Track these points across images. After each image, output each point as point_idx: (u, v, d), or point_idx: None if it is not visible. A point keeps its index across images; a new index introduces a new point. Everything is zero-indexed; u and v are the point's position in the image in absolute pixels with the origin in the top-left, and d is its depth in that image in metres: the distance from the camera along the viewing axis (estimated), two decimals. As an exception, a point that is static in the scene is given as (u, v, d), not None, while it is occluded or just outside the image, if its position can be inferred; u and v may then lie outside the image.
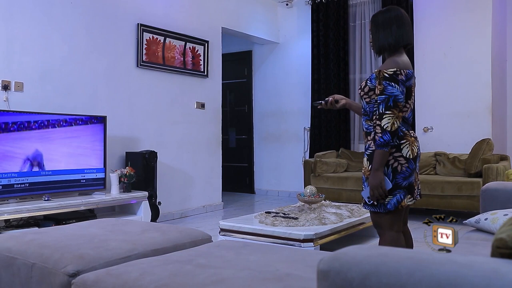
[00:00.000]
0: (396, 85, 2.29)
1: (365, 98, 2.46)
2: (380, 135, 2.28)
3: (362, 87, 2.46)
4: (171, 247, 2.12)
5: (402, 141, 2.35)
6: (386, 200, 2.35)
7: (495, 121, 5.91)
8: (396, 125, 2.28)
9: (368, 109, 2.45)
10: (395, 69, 2.31)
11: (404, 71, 2.32)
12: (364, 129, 2.50)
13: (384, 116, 2.28)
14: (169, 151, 5.53)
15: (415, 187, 2.44)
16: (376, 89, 2.34)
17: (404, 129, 2.38)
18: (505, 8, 6.28)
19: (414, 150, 2.38)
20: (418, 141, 2.47)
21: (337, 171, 6.19)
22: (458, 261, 0.84)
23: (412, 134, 2.42)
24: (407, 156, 2.35)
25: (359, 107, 2.64)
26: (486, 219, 2.45)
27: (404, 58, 2.40)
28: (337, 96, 2.74)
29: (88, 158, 4.43)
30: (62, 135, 4.24)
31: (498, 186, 2.80)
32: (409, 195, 2.38)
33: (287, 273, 1.62)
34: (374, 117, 2.37)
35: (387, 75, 2.30)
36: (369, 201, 2.40)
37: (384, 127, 2.27)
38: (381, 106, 2.29)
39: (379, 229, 2.47)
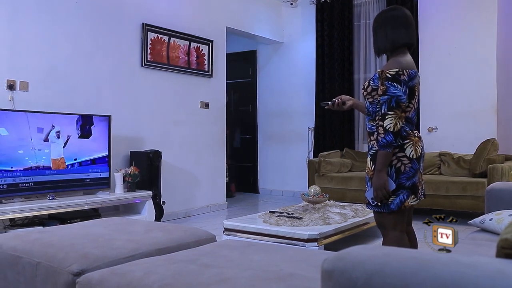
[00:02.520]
0: (398, 86, 2.28)
1: (368, 98, 2.45)
2: (382, 135, 2.27)
3: (365, 87, 2.46)
4: (175, 246, 2.12)
5: (405, 141, 2.34)
6: (390, 200, 2.34)
7: (500, 121, 5.89)
8: (398, 126, 2.27)
9: (371, 109, 2.44)
10: (397, 70, 2.30)
11: (406, 71, 2.31)
12: (368, 129, 2.50)
13: (386, 117, 2.27)
14: (173, 150, 5.53)
15: (419, 187, 2.43)
16: (379, 89, 2.33)
17: (407, 129, 2.37)
18: (510, 7, 6.26)
19: (418, 150, 2.37)
20: (422, 141, 2.46)
21: (341, 171, 6.18)
22: (463, 261, 0.84)
23: (416, 134, 2.41)
24: (411, 156, 2.34)
25: (364, 107, 2.63)
26: (491, 219, 2.44)
27: (408, 58, 2.40)
28: (344, 97, 2.73)
29: (93, 157, 4.45)
30: (67, 134, 4.25)
31: (503, 186, 2.79)
32: (412, 195, 2.37)
33: (291, 273, 1.62)
34: (377, 117, 2.36)
35: (389, 76, 2.30)
36: (372, 202, 2.40)
37: (387, 128, 2.26)
38: (383, 106, 2.28)
39: (382, 229, 2.47)
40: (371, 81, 2.43)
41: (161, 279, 1.57)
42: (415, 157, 2.35)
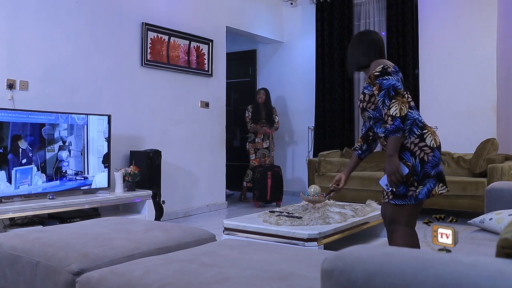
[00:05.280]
0: (389, 77, 2.36)
1: (369, 107, 2.49)
2: (391, 122, 2.31)
3: (362, 98, 2.53)
4: (175, 246, 2.12)
5: (424, 131, 2.41)
6: (417, 190, 2.35)
7: (500, 120, 5.89)
8: (404, 110, 2.32)
9: (377, 114, 2.47)
10: (382, 66, 2.40)
11: (391, 65, 2.42)
12: (380, 135, 2.49)
13: (391, 106, 2.32)
14: (173, 150, 5.53)
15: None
16: (374, 90, 2.39)
17: (422, 120, 2.44)
18: (510, 7, 6.25)
19: (437, 140, 2.43)
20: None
21: (341, 171, 6.17)
22: (463, 261, 0.84)
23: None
24: (431, 145, 2.38)
25: (354, 163, 2.77)
26: (490, 219, 2.44)
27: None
28: (336, 178, 2.87)
29: (93, 157, 4.44)
30: (66, 134, 4.25)
31: (503, 186, 2.79)
32: (440, 184, 2.39)
33: (291, 272, 1.61)
34: (385, 114, 2.39)
35: (377, 73, 2.39)
36: (387, 189, 2.40)
37: (394, 114, 2.30)
38: (385, 100, 2.34)
39: (393, 224, 2.44)
40: (365, 90, 2.52)
41: (161, 279, 1.57)
42: (435, 146, 2.39)
